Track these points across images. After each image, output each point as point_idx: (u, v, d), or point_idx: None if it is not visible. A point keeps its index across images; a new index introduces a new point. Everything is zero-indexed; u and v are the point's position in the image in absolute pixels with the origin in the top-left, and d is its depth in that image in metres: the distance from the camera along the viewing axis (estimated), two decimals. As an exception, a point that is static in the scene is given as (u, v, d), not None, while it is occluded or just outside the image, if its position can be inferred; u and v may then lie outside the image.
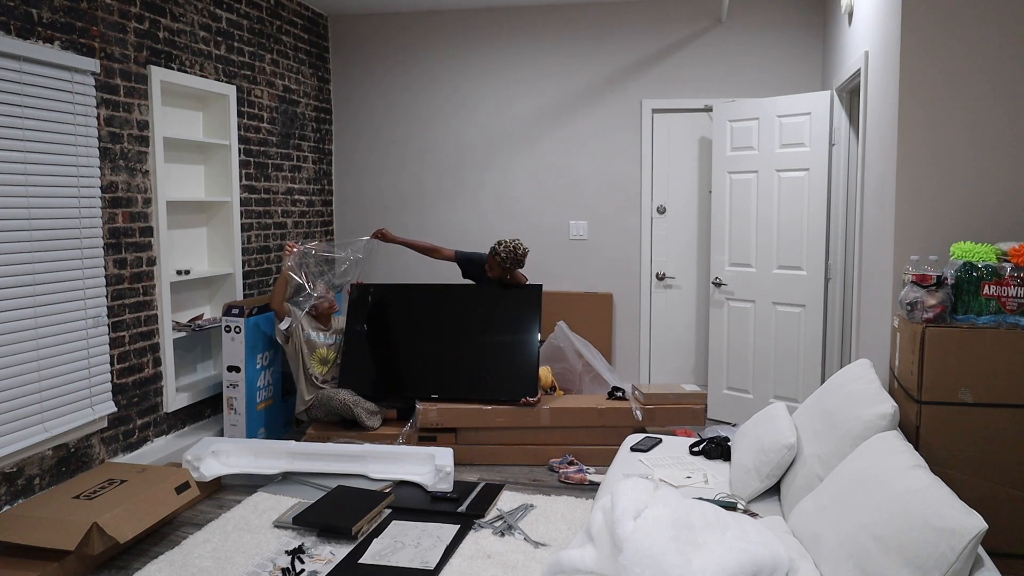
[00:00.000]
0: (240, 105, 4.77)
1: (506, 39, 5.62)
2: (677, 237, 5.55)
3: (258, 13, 4.96)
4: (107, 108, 3.71)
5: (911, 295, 2.55)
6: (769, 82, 5.27)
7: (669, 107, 5.43)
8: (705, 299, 5.51)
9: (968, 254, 2.54)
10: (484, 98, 5.70)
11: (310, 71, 5.61)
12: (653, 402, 4.36)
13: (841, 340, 4.67)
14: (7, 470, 3.25)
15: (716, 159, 5.11)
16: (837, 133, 4.57)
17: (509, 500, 3.78)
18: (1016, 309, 2.44)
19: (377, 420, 4.40)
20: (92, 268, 3.62)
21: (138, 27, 3.90)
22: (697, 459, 3.32)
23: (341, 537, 3.34)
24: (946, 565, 1.70)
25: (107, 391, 3.73)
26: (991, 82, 2.89)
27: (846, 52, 4.26)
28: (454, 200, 5.81)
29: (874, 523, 1.94)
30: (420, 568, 3.06)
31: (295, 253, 4.49)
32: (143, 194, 3.97)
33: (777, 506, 2.81)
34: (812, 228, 4.67)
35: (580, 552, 2.18)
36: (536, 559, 3.15)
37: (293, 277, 4.47)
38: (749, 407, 5.01)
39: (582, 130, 5.58)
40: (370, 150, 5.91)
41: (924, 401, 2.45)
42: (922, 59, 2.92)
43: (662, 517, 2.11)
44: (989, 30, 2.87)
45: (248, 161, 4.88)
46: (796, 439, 2.82)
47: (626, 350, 5.64)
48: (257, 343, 4.49)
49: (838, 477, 2.30)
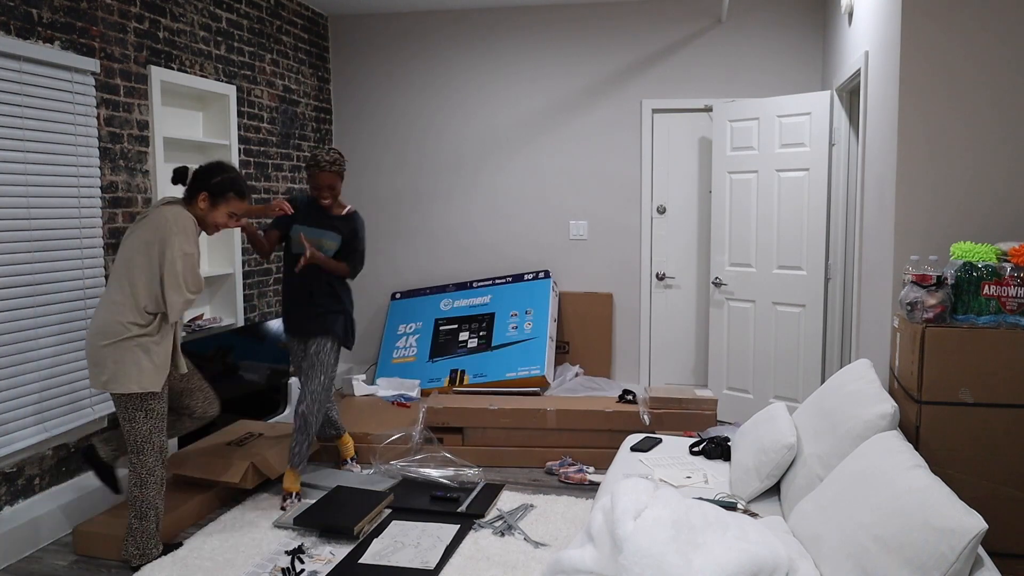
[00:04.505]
0: (240, 105, 4.77)
1: (506, 39, 5.62)
2: (677, 237, 5.55)
3: (258, 13, 4.96)
4: (107, 108, 3.71)
5: (911, 295, 2.55)
6: (769, 82, 5.27)
7: (669, 107, 5.43)
8: (705, 299, 5.51)
9: (968, 254, 2.54)
10: (484, 98, 5.70)
11: (310, 71, 5.61)
12: (662, 406, 4.32)
13: (841, 340, 4.67)
14: (7, 470, 3.25)
15: (716, 159, 5.11)
16: (837, 133, 4.57)
17: (509, 500, 3.78)
18: (1016, 309, 2.44)
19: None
20: (92, 268, 3.62)
21: (138, 27, 3.90)
22: (697, 459, 3.32)
23: (342, 537, 3.34)
24: (946, 565, 1.70)
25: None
26: (991, 82, 2.89)
27: (846, 52, 4.26)
28: (454, 199, 5.81)
29: (874, 523, 1.94)
30: (420, 568, 3.06)
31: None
32: (143, 194, 3.97)
33: (777, 506, 2.82)
34: (812, 228, 4.67)
35: (580, 552, 2.18)
36: (536, 559, 3.15)
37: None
38: (749, 407, 5.01)
39: (582, 130, 5.58)
40: (370, 150, 5.91)
41: (924, 401, 2.45)
42: (922, 59, 2.92)
43: (662, 517, 2.11)
44: (989, 30, 2.87)
45: (248, 161, 4.88)
46: (796, 439, 2.82)
47: (626, 350, 5.64)
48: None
49: (838, 477, 2.30)
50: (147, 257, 2.94)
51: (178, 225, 2.96)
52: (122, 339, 2.92)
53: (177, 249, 2.92)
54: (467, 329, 5.40)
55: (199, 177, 3.10)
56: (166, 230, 2.94)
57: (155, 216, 2.99)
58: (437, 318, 5.56)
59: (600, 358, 5.58)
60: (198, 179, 3.10)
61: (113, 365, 2.92)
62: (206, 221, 3.11)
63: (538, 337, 5.15)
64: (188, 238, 2.97)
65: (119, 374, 2.92)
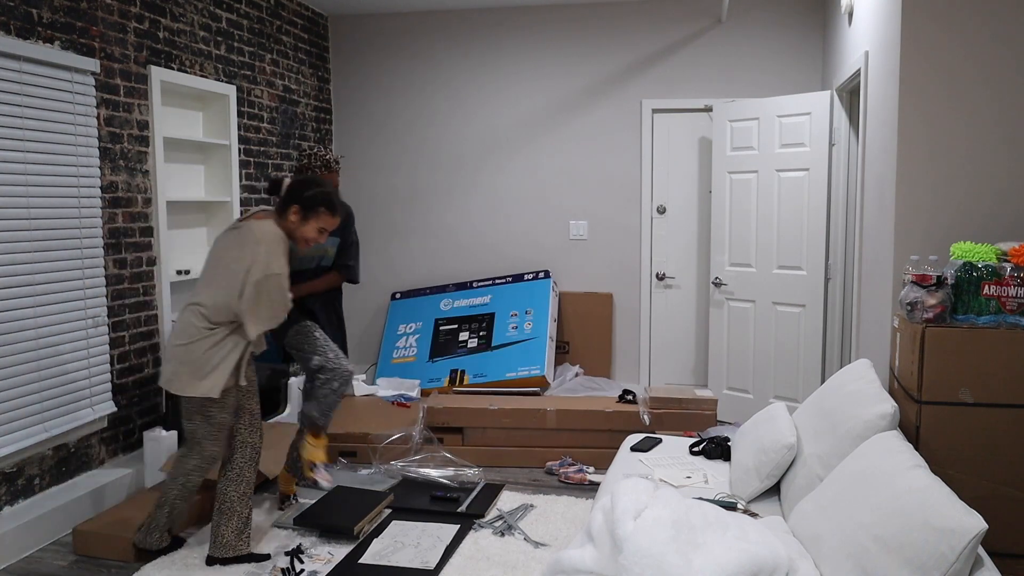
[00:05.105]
0: (240, 105, 4.77)
1: (506, 39, 5.62)
2: (677, 237, 5.55)
3: (258, 13, 4.96)
4: (107, 108, 3.71)
5: (911, 295, 2.55)
6: (769, 82, 5.27)
7: (669, 107, 5.43)
8: (705, 299, 5.51)
9: (968, 254, 2.54)
10: (484, 98, 5.70)
11: (310, 71, 5.61)
12: (662, 406, 4.32)
13: (841, 340, 4.67)
14: (7, 470, 3.25)
15: (716, 159, 5.11)
16: (837, 133, 4.57)
17: (509, 500, 3.78)
18: (1016, 309, 2.44)
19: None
20: (92, 268, 3.62)
21: (138, 27, 3.90)
22: (697, 459, 3.32)
23: (342, 537, 3.34)
24: (946, 565, 1.70)
25: (107, 391, 3.73)
26: (991, 82, 2.89)
27: (846, 52, 4.26)
28: (454, 199, 5.81)
29: (874, 523, 1.94)
30: (420, 568, 3.06)
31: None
32: (143, 194, 3.97)
33: (777, 506, 2.82)
34: (812, 228, 4.67)
35: (580, 552, 2.18)
36: (536, 559, 3.15)
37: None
38: (749, 407, 5.01)
39: (582, 130, 5.58)
40: (370, 150, 5.91)
41: (924, 401, 2.45)
42: (922, 59, 2.92)
43: (662, 517, 2.11)
44: (989, 30, 2.87)
45: (248, 161, 4.88)
46: (796, 439, 2.82)
47: (626, 350, 5.64)
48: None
49: (838, 477, 2.30)
50: (228, 270, 2.90)
51: (266, 242, 2.91)
52: (193, 342, 2.91)
53: (262, 269, 2.88)
54: (467, 329, 5.40)
55: (292, 190, 3.06)
56: (254, 248, 2.89)
57: (245, 231, 2.94)
58: (437, 318, 5.56)
59: (600, 358, 5.58)
60: (291, 192, 3.06)
61: (178, 366, 2.92)
62: (296, 235, 3.06)
63: (538, 337, 5.15)
64: (276, 257, 2.92)
65: (181, 375, 2.92)
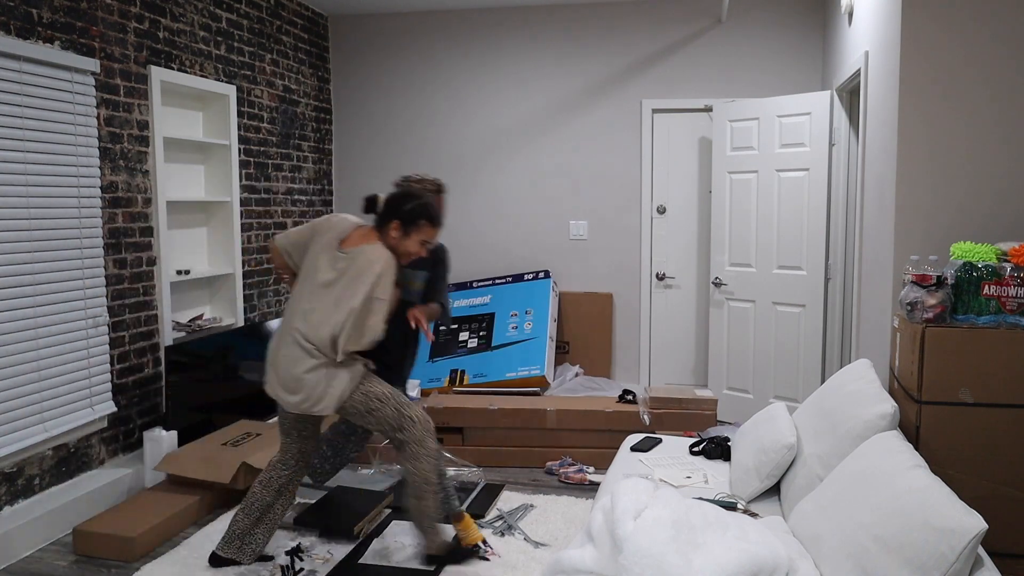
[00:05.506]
0: (240, 105, 4.77)
1: (506, 39, 5.62)
2: (677, 237, 5.55)
3: (258, 13, 4.96)
4: (107, 108, 3.71)
5: (911, 295, 2.55)
6: (769, 82, 5.27)
7: (669, 107, 5.43)
8: (705, 299, 5.51)
9: (968, 254, 2.54)
10: (484, 98, 5.70)
11: (310, 71, 5.61)
12: (662, 406, 4.33)
13: (841, 340, 4.67)
14: (7, 470, 3.25)
15: (716, 159, 5.11)
16: (837, 133, 4.57)
17: (509, 500, 3.78)
18: (1016, 309, 2.44)
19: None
20: (92, 268, 3.62)
21: (138, 27, 3.90)
22: (697, 459, 3.32)
23: (342, 537, 3.34)
24: (946, 565, 1.70)
25: (107, 391, 3.73)
26: (991, 82, 2.89)
27: (846, 52, 4.26)
28: (454, 199, 5.81)
29: (874, 523, 1.94)
30: (420, 568, 3.06)
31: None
32: (143, 194, 3.97)
33: (777, 506, 2.82)
34: (812, 228, 4.67)
35: (580, 552, 2.18)
36: (536, 559, 3.15)
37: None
38: (749, 407, 5.01)
39: (582, 130, 5.58)
40: (370, 150, 5.91)
41: (924, 401, 2.45)
42: (922, 59, 2.92)
43: (662, 517, 2.11)
44: (988, 30, 2.87)
45: (248, 161, 4.88)
46: (796, 439, 2.82)
47: (626, 350, 5.64)
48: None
49: (838, 477, 2.30)
50: (337, 308, 2.87)
51: (380, 267, 2.90)
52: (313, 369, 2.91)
53: (379, 298, 2.87)
54: (467, 329, 5.40)
55: (391, 205, 3.02)
56: (371, 279, 2.88)
57: (360, 260, 2.91)
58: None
59: (600, 358, 5.58)
60: (390, 207, 3.02)
61: (311, 388, 2.91)
62: (398, 250, 3.02)
63: (538, 337, 5.15)
64: (385, 283, 2.91)
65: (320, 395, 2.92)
